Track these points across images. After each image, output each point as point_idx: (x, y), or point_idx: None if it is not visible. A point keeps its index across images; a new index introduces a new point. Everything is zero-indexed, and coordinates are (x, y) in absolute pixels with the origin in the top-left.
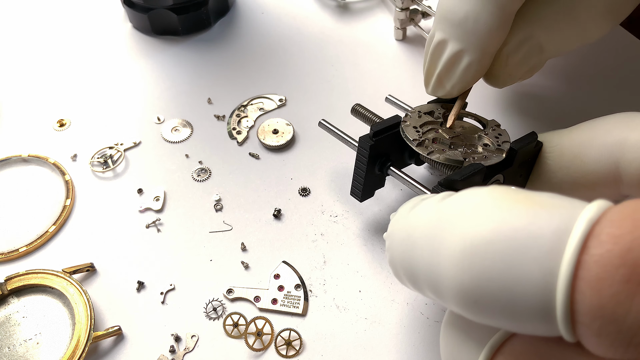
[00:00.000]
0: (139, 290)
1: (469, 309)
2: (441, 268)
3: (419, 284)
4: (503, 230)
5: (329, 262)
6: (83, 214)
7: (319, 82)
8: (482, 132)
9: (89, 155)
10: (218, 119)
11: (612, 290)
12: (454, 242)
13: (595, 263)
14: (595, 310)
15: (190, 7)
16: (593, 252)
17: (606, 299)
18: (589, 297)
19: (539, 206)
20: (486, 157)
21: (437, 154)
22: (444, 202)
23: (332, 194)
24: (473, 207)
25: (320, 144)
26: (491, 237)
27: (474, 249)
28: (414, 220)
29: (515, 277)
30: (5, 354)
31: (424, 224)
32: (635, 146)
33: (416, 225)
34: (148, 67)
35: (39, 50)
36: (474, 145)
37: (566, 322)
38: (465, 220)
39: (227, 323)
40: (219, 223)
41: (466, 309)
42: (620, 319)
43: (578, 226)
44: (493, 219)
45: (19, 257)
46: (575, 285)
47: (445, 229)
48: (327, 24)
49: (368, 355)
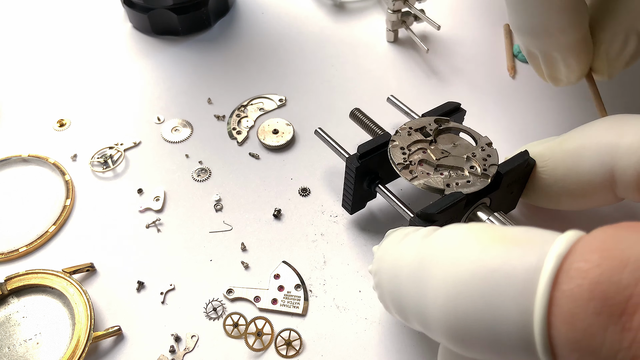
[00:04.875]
0: (139, 290)
1: (456, 345)
2: (428, 309)
3: (409, 320)
4: (480, 272)
5: (329, 262)
6: (83, 214)
7: (319, 82)
8: (470, 154)
9: (89, 155)
10: (218, 119)
11: (585, 324)
12: (437, 286)
13: (566, 298)
14: (571, 344)
15: (190, 7)
16: (564, 288)
17: (580, 332)
18: (565, 332)
19: (513, 243)
20: (470, 182)
21: (421, 180)
22: (426, 241)
23: (332, 194)
24: (452, 248)
25: (321, 144)
26: (470, 280)
27: (456, 291)
28: (400, 260)
29: (496, 316)
30: (5, 354)
31: (409, 264)
32: (627, 152)
33: (402, 265)
34: (148, 67)
35: (39, 50)
36: (461, 167)
37: (547, 356)
38: (445, 262)
39: (227, 323)
40: (219, 223)
41: (454, 345)
42: (596, 351)
43: (547, 263)
44: (471, 261)
45: (19, 257)
46: (550, 321)
47: (428, 272)
48: (327, 24)
49: (368, 355)
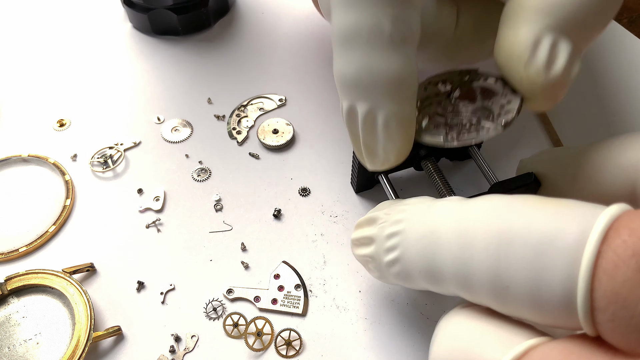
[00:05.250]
0: (139, 290)
1: (499, 298)
2: (474, 261)
3: (441, 279)
4: (534, 225)
5: (329, 262)
6: (83, 214)
7: (319, 82)
8: (489, 102)
9: (89, 155)
10: (218, 119)
11: (625, 277)
12: (489, 236)
13: (612, 252)
14: (609, 295)
15: (190, 7)
16: (611, 242)
17: (619, 284)
18: (605, 282)
19: (565, 207)
20: (481, 128)
21: (428, 135)
22: (470, 203)
23: (332, 194)
24: (504, 206)
25: (320, 144)
26: (524, 232)
27: (510, 241)
28: (436, 219)
29: (544, 266)
30: (5, 354)
31: (450, 221)
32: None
33: (440, 224)
34: (148, 67)
35: (39, 50)
36: (472, 119)
37: (585, 308)
38: (498, 217)
39: (227, 323)
40: (219, 223)
41: (496, 298)
42: (632, 305)
43: (600, 220)
44: (525, 216)
45: (19, 257)
46: (595, 273)
47: (476, 227)
48: (327, 24)
49: (368, 355)
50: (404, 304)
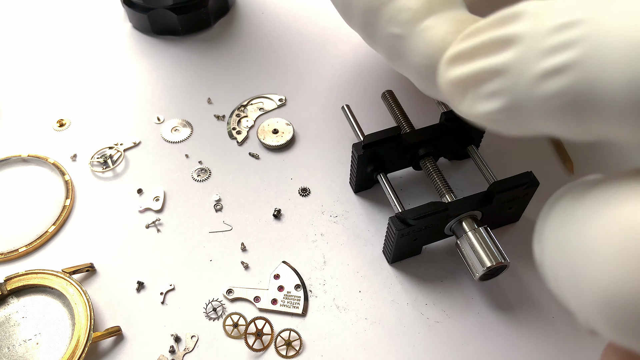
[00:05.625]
0: (139, 290)
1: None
2: None
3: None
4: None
5: (329, 262)
6: (83, 214)
7: (319, 82)
8: None
9: (88, 155)
10: (218, 119)
11: None
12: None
13: None
14: None
15: (190, 7)
16: None
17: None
18: None
19: None
20: None
21: None
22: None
23: (332, 194)
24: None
25: (320, 144)
26: None
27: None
28: (563, 244)
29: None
30: (5, 354)
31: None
32: None
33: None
34: (148, 67)
35: (38, 50)
36: None
37: None
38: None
39: (227, 323)
40: (219, 223)
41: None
42: None
43: None
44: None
45: (19, 257)
46: None
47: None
48: (327, 24)
49: (368, 355)
50: (404, 304)
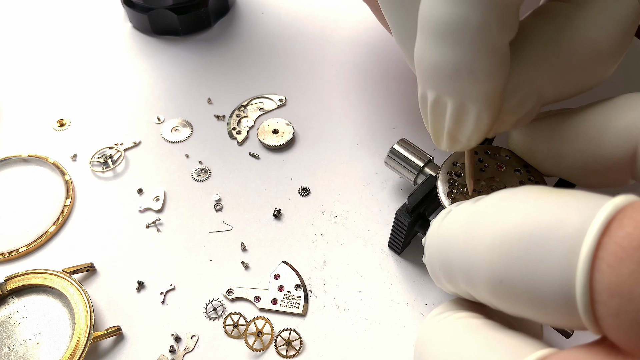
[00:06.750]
0: (139, 290)
1: (497, 292)
2: (475, 253)
3: (452, 275)
4: (533, 215)
5: (329, 262)
6: (83, 214)
7: (319, 82)
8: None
9: (89, 155)
10: (218, 119)
11: (630, 270)
12: (488, 227)
13: (615, 244)
14: (613, 288)
15: (190, 7)
16: (614, 234)
17: (624, 277)
18: (607, 274)
19: (569, 196)
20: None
21: None
22: (479, 201)
23: (332, 194)
24: (506, 197)
25: (320, 144)
26: (522, 221)
27: (506, 232)
28: (451, 218)
29: (541, 257)
30: (5, 354)
31: (460, 218)
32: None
33: (453, 221)
34: (148, 67)
35: (39, 50)
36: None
37: (585, 301)
38: (499, 208)
39: (227, 323)
40: (219, 223)
41: (495, 292)
42: (637, 298)
43: (602, 211)
44: (526, 205)
45: (19, 257)
46: (594, 264)
47: (480, 220)
48: (327, 24)
49: (368, 355)
50: (404, 304)
